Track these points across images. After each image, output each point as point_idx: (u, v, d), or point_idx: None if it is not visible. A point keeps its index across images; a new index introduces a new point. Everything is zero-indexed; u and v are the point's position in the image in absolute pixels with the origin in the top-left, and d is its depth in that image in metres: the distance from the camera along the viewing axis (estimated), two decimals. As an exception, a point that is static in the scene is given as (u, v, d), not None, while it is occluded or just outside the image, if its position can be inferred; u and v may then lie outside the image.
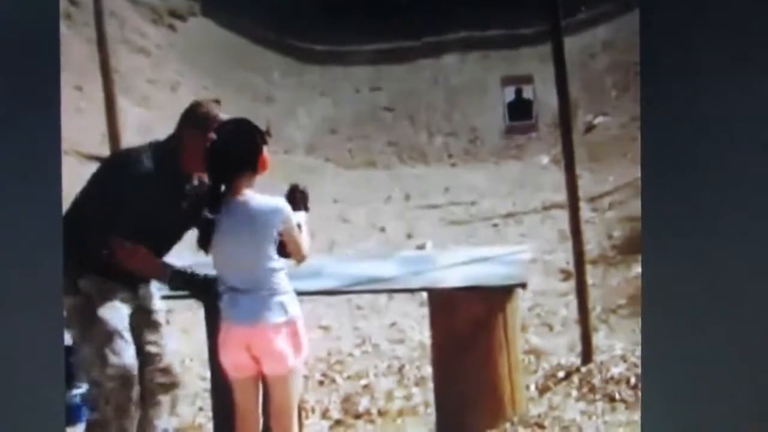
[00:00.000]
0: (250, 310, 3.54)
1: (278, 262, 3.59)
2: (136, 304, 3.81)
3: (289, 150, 11.42)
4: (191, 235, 3.73)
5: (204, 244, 3.56)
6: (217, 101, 4.05)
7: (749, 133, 2.22)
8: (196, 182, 3.81)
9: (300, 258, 3.67)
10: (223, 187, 3.55)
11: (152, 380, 3.86)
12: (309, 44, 13.23)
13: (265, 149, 3.62)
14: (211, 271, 3.70)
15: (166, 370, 3.90)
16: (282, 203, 3.59)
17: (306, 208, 3.84)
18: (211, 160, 3.56)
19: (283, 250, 3.64)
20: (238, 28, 13.22)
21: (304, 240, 3.67)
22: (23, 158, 2.37)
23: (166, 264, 3.78)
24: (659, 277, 2.27)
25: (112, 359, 3.63)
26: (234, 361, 3.61)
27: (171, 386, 3.93)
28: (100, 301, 3.64)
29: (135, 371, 3.69)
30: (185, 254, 3.96)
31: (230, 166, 3.53)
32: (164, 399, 3.91)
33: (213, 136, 3.58)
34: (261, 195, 3.58)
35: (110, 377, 3.62)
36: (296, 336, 3.61)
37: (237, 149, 3.56)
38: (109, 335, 3.64)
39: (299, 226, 3.67)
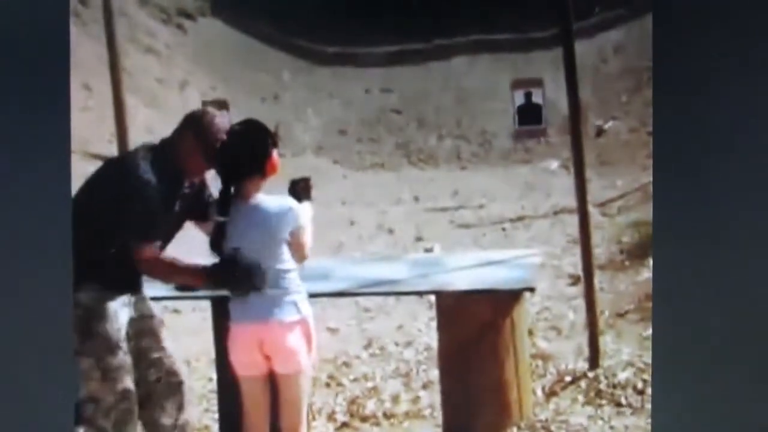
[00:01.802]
0: (263, 308, 3.55)
1: (290, 262, 3.58)
2: (134, 311, 3.80)
3: (298, 151, 11.41)
4: (202, 240, 3.72)
5: (216, 247, 3.55)
6: (225, 101, 4.05)
7: (763, 138, 2.20)
8: (188, 184, 3.79)
9: (302, 259, 3.67)
10: (232, 190, 3.55)
11: (158, 383, 3.86)
12: (318, 45, 13.22)
13: (275, 152, 3.60)
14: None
15: (171, 372, 3.90)
16: (293, 204, 3.57)
17: (309, 197, 3.81)
18: (221, 162, 3.56)
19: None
20: (248, 28, 13.22)
21: (308, 239, 3.66)
22: (32, 158, 2.36)
23: (198, 266, 3.67)
24: (670, 282, 2.26)
25: (113, 373, 3.61)
26: (245, 360, 3.61)
27: (177, 387, 3.93)
28: (98, 314, 3.61)
29: (132, 384, 3.68)
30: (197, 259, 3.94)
31: (238, 168, 3.52)
32: (171, 401, 3.90)
33: (224, 137, 3.58)
34: (271, 196, 3.57)
35: (110, 391, 3.60)
36: (308, 335, 3.62)
37: (245, 152, 3.54)
38: (108, 349, 3.62)
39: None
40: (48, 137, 2.37)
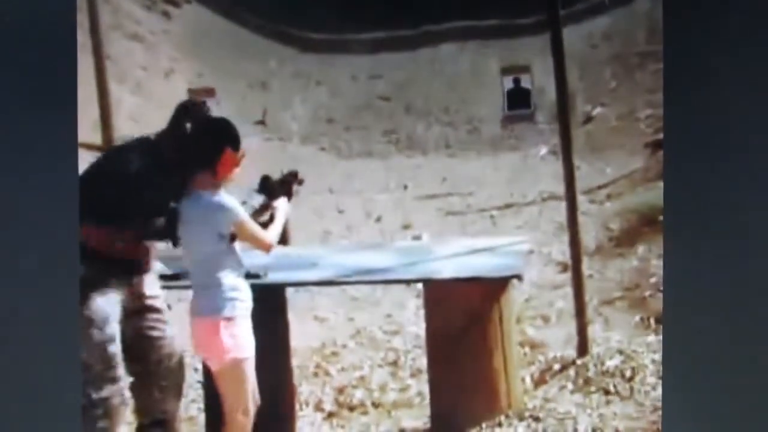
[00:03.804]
0: (193, 304, 3.67)
1: (225, 261, 3.61)
2: (131, 291, 3.80)
3: (285, 139, 11.36)
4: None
5: (170, 233, 3.65)
6: (213, 89, 4.05)
7: None
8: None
9: (265, 249, 3.72)
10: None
11: (157, 363, 3.89)
12: (305, 32, 13.15)
13: (233, 154, 3.61)
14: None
15: (170, 355, 3.90)
16: (229, 203, 3.58)
17: (284, 194, 3.83)
18: (179, 150, 3.63)
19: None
20: (233, 15, 13.14)
21: (272, 229, 3.71)
22: (39, 151, 2.36)
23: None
24: (680, 272, 2.23)
25: (98, 337, 3.63)
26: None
27: (177, 369, 3.93)
28: (92, 286, 3.63)
29: (120, 356, 3.69)
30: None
31: (189, 160, 3.59)
32: (170, 382, 3.94)
33: (188, 127, 3.64)
34: (215, 192, 3.57)
35: (97, 359, 3.62)
36: (214, 336, 3.62)
37: (198, 147, 3.61)
38: (99, 317, 3.64)
39: (272, 214, 3.69)
40: (55, 130, 2.36)
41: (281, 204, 3.83)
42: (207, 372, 4.11)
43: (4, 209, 2.34)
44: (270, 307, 4.32)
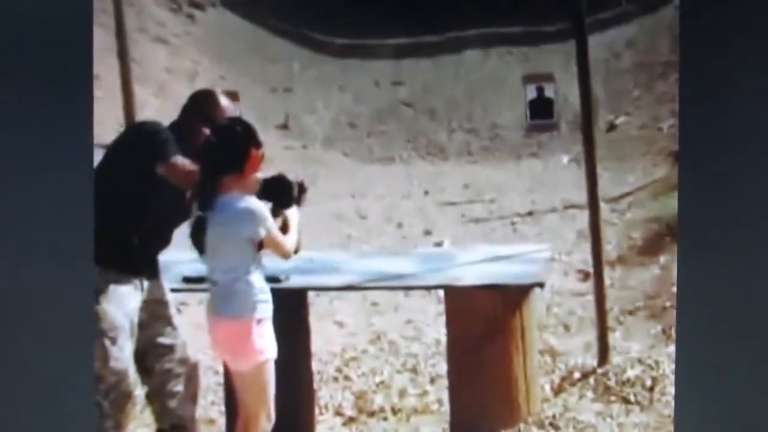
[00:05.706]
0: (219, 306, 3.66)
1: (250, 264, 3.63)
2: (145, 297, 3.80)
3: (307, 143, 11.38)
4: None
5: (195, 241, 3.65)
6: (236, 93, 4.07)
7: None
8: None
9: (285, 255, 3.73)
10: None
11: (170, 371, 3.87)
12: (329, 37, 13.17)
13: (258, 152, 3.64)
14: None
15: (183, 361, 3.91)
16: (256, 208, 3.61)
17: (296, 203, 3.84)
18: (202, 157, 3.65)
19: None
20: (258, 18, 13.18)
21: (290, 237, 3.72)
22: (54, 152, 2.37)
23: None
24: (695, 280, 2.22)
25: (114, 353, 3.63)
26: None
27: (189, 376, 3.93)
28: (105, 295, 3.62)
29: (133, 367, 3.70)
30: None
31: (216, 165, 3.60)
32: (183, 389, 3.93)
33: (207, 133, 3.67)
34: (243, 197, 3.59)
35: (111, 371, 3.62)
36: (245, 338, 3.63)
37: (224, 149, 3.62)
38: (112, 329, 3.63)
39: (285, 222, 3.71)
40: (70, 127, 2.37)
41: (293, 213, 3.83)
42: (228, 374, 4.12)
43: (16, 210, 2.34)
44: (291, 311, 4.33)
